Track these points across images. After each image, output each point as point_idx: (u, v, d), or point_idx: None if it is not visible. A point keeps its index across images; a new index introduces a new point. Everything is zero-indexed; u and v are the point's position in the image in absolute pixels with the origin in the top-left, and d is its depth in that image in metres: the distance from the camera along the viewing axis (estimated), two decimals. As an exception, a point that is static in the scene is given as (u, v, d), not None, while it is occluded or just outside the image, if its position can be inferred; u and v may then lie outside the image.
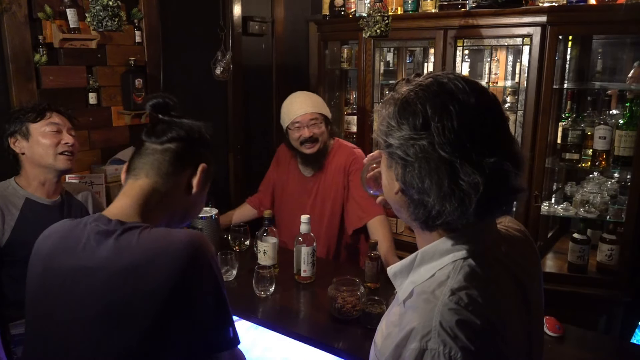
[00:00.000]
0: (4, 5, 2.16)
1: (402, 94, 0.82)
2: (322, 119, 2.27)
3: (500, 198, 0.80)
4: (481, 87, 0.83)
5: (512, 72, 3.05)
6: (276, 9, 3.55)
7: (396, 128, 0.80)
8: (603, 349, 1.62)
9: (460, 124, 0.76)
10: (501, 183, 0.78)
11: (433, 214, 0.80)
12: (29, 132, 1.81)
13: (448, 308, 0.75)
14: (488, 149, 0.77)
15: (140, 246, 1.02)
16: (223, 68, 2.79)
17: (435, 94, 0.80)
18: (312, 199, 2.34)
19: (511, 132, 0.84)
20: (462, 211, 0.78)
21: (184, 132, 1.15)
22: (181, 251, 1.01)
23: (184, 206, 1.19)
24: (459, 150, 0.76)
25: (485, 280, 0.81)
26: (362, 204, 2.21)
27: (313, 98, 2.33)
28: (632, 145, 2.40)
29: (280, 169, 2.46)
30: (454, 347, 0.72)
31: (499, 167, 0.77)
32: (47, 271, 1.07)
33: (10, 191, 1.83)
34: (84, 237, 1.05)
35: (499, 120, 0.82)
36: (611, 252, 2.52)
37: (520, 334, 0.86)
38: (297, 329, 1.62)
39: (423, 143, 0.77)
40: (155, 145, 1.14)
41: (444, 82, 0.81)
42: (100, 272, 1.01)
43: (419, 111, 0.79)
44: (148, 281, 0.99)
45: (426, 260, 0.85)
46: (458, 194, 0.77)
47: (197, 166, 1.17)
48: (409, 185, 0.81)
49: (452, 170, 0.76)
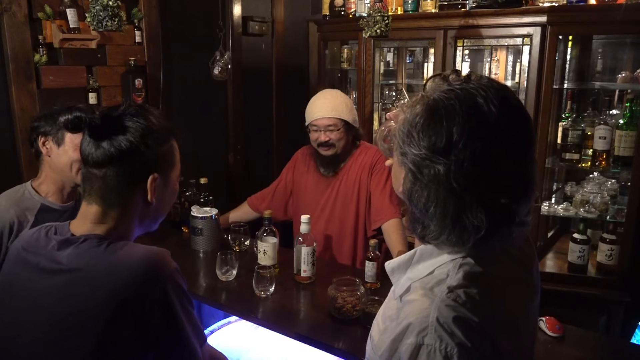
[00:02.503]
0: (4, 5, 2.16)
1: (434, 99, 0.77)
2: (342, 125, 2.18)
3: (503, 236, 0.79)
4: (515, 108, 0.77)
5: (512, 72, 3.05)
6: (276, 9, 3.55)
7: (415, 140, 0.76)
8: (603, 349, 1.62)
9: (482, 158, 0.72)
10: (506, 222, 0.77)
11: (429, 236, 0.80)
12: (63, 139, 1.71)
13: (445, 305, 0.75)
14: (504, 187, 0.75)
15: (97, 258, 1.01)
16: (221, 68, 2.79)
17: (467, 117, 0.73)
18: (332, 198, 2.29)
19: (533, 153, 0.79)
20: (459, 244, 0.78)
21: (116, 151, 1.03)
22: (134, 270, 0.98)
23: (150, 214, 1.13)
24: (472, 186, 0.73)
25: (485, 278, 0.81)
26: (377, 206, 2.17)
27: (337, 101, 2.21)
28: (632, 145, 2.41)
29: (298, 170, 2.43)
30: (450, 343, 0.72)
31: (509, 207, 0.75)
32: (12, 270, 1.07)
33: (27, 196, 1.76)
34: (48, 243, 1.05)
35: (526, 151, 0.77)
36: (611, 252, 2.52)
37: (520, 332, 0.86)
38: (297, 329, 1.62)
39: (439, 168, 0.74)
40: (94, 171, 1.06)
41: (479, 104, 0.74)
42: (58, 277, 1.01)
43: (444, 132, 0.73)
44: (99, 294, 0.97)
45: (425, 258, 0.85)
46: (459, 229, 0.76)
47: (147, 178, 1.08)
48: (413, 202, 0.79)
49: (459, 205, 0.74)
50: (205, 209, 2.22)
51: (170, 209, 1.25)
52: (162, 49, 2.85)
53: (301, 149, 2.47)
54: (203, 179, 2.36)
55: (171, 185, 1.16)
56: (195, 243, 2.19)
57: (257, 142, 3.59)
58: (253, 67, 3.44)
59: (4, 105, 2.25)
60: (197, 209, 2.21)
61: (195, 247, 2.20)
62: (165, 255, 1.04)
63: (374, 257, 1.85)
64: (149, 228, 1.18)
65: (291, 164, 2.48)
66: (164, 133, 1.11)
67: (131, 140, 1.04)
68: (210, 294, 1.84)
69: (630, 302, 2.47)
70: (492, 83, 0.78)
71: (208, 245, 2.18)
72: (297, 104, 2.34)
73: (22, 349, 1.02)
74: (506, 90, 0.79)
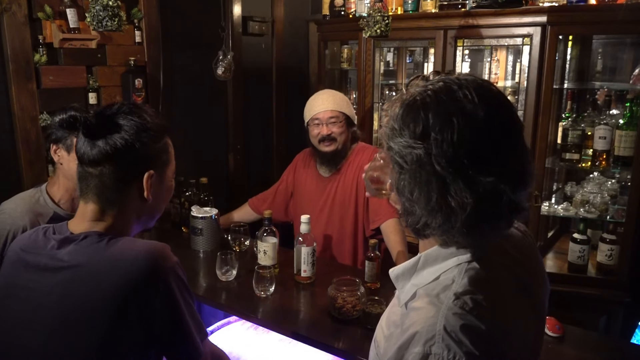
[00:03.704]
0: (4, 5, 2.16)
1: (411, 94, 0.80)
2: (344, 118, 2.22)
3: (492, 218, 0.78)
4: (494, 97, 0.79)
5: (512, 72, 3.05)
6: (276, 9, 3.55)
7: (398, 132, 0.79)
8: (603, 349, 1.62)
9: (460, 138, 0.74)
10: (494, 204, 0.76)
11: (420, 225, 0.80)
12: (72, 146, 1.67)
13: (453, 312, 0.74)
14: (487, 167, 0.74)
15: (99, 253, 1.01)
16: (225, 68, 2.79)
17: (441, 101, 0.76)
18: (330, 200, 2.29)
19: (525, 145, 0.80)
20: (448, 228, 0.77)
21: (110, 149, 1.05)
22: (137, 264, 0.99)
23: (147, 211, 1.14)
24: (454, 166, 0.74)
25: (491, 283, 0.80)
26: (375, 207, 2.18)
27: (337, 96, 2.28)
28: (632, 145, 2.40)
29: (299, 172, 2.44)
30: (458, 352, 0.71)
31: (495, 187, 0.75)
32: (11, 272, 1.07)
33: (41, 202, 1.74)
34: (47, 243, 1.06)
35: (507, 135, 0.77)
36: (611, 252, 2.52)
37: (526, 337, 0.85)
38: (297, 329, 1.62)
39: (419, 152, 0.76)
40: (90, 169, 1.07)
41: (454, 90, 0.77)
42: (60, 274, 1.01)
43: (421, 118, 0.76)
44: (102, 288, 0.97)
45: (429, 263, 0.84)
46: (445, 210, 0.76)
47: (142, 175, 1.09)
48: (401, 193, 0.81)
49: (442, 186, 0.75)
50: (205, 209, 2.22)
51: (168, 207, 1.26)
52: (162, 49, 2.85)
53: (302, 151, 2.48)
54: (203, 179, 2.36)
55: (166, 182, 1.17)
56: (195, 243, 2.19)
57: (257, 142, 3.59)
58: (253, 67, 3.44)
59: (4, 105, 2.24)
60: (197, 209, 2.21)
61: (195, 247, 2.20)
62: (166, 249, 1.06)
63: (374, 257, 1.85)
64: (146, 225, 1.19)
65: (292, 166, 2.49)
66: (158, 130, 1.11)
67: (126, 137, 1.05)
68: (210, 294, 1.84)
69: (630, 302, 2.47)
70: (471, 76, 0.80)
71: (208, 245, 2.18)
72: (297, 104, 2.34)
73: (25, 350, 1.01)
74: (485, 82, 0.81)
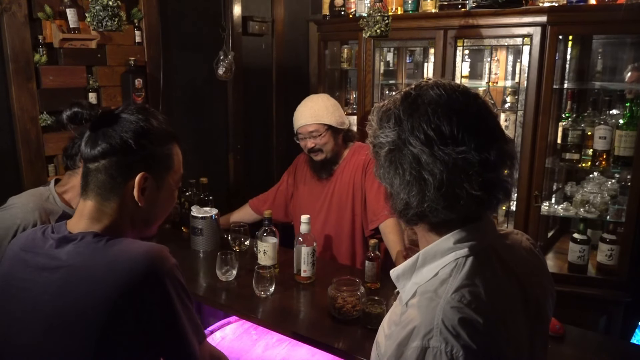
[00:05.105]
0: (4, 5, 2.16)
1: (386, 102, 0.89)
2: (325, 129, 2.19)
3: (464, 183, 0.79)
4: (460, 87, 0.86)
5: (512, 72, 3.05)
6: (276, 9, 3.55)
7: (378, 131, 0.87)
8: (603, 349, 1.62)
9: (427, 118, 0.81)
10: (466, 173, 0.78)
11: (402, 206, 0.84)
12: None
13: (450, 306, 0.76)
14: (456, 140, 0.79)
15: (97, 253, 1.01)
16: (225, 68, 2.79)
17: (410, 95, 0.86)
18: (327, 201, 2.30)
19: (500, 129, 0.85)
20: (425, 201, 0.80)
21: (108, 146, 1.05)
22: (135, 265, 0.99)
23: (141, 215, 1.12)
24: (423, 142, 0.80)
25: (488, 277, 0.81)
26: (373, 207, 2.18)
27: (317, 106, 2.21)
28: (632, 145, 2.40)
29: (298, 174, 2.45)
30: (455, 345, 0.72)
31: (464, 156, 0.78)
32: (10, 271, 1.08)
33: (51, 200, 1.75)
34: (46, 242, 1.06)
35: (476, 115, 0.83)
36: (611, 252, 2.52)
37: (522, 333, 0.86)
38: (297, 329, 1.62)
39: (394, 137, 0.83)
40: (89, 165, 1.08)
41: (422, 86, 0.86)
42: (58, 273, 1.01)
43: (393, 112, 0.85)
44: (99, 289, 0.97)
45: (428, 261, 0.86)
46: (419, 181, 0.80)
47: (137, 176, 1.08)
48: (383, 179, 0.87)
49: (414, 159, 0.80)
50: (205, 209, 2.22)
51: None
52: (162, 49, 2.85)
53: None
54: (203, 179, 2.36)
55: (166, 189, 1.14)
56: (195, 243, 2.20)
57: (257, 142, 3.59)
58: (253, 67, 3.44)
59: (4, 105, 2.24)
60: (197, 209, 2.21)
61: (195, 247, 2.20)
62: (164, 251, 1.05)
63: (374, 257, 1.85)
64: (143, 231, 1.16)
65: (292, 167, 2.50)
66: (160, 135, 1.11)
67: (122, 136, 1.06)
68: (210, 294, 1.84)
69: (630, 302, 2.47)
70: (447, 81, 0.88)
71: (208, 245, 2.18)
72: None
73: (22, 349, 1.02)
74: (461, 85, 0.88)
